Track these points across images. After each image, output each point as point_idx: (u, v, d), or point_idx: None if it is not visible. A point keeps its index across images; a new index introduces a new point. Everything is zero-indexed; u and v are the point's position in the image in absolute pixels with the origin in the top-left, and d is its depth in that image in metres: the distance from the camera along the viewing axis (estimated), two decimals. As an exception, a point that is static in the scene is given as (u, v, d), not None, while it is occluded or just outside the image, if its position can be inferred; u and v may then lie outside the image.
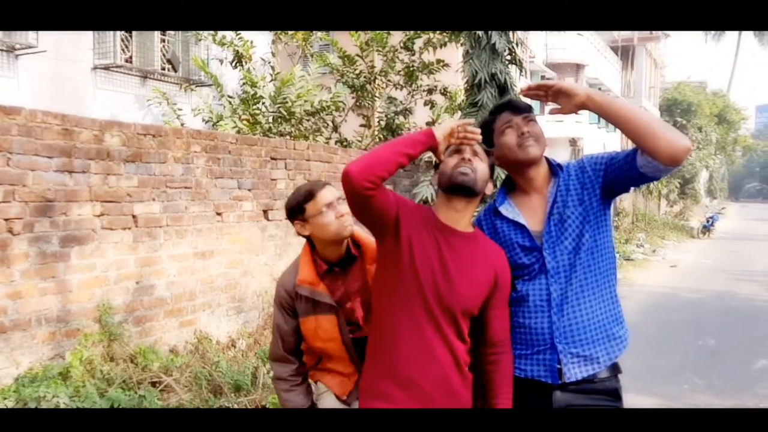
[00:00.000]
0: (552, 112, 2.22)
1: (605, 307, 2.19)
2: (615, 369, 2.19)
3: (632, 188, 2.32)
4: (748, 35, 45.82)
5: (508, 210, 2.24)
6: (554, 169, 2.25)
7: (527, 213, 2.23)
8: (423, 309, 2.05)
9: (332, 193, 2.37)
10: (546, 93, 2.17)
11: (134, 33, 9.07)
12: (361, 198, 2.00)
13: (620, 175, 2.16)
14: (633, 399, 2.33)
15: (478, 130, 2.12)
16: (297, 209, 2.39)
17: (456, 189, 2.11)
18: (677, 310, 9.59)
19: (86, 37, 8.47)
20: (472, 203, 2.16)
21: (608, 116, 2.11)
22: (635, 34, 31.36)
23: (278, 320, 2.45)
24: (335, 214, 2.33)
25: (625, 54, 32.13)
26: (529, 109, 2.27)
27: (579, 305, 2.15)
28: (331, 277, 2.40)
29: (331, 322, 2.36)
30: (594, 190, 2.19)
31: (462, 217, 2.15)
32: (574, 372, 2.12)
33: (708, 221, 24.65)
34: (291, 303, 2.40)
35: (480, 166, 2.13)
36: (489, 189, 2.19)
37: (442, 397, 2.06)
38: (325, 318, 2.37)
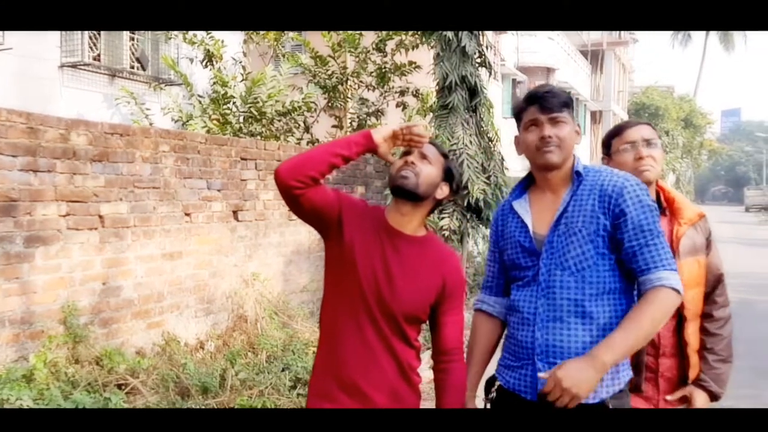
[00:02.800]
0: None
1: (601, 336, 1.94)
2: (603, 405, 1.95)
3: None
4: (714, 41, 46.71)
5: (520, 206, 2.14)
6: (573, 174, 2.08)
7: (537, 213, 2.11)
8: (364, 311, 2.03)
9: (639, 132, 2.37)
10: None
11: (103, 31, 8.95)
12: (289, 196, 2.02)
13: (619, 247, 2.00)
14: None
15: (427, 134, 2.06)
16: (605, 146, 2.46)
17: (396, 192, 2.10)
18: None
19: (53, 34, 8.33)
20: (419, 207, 2.10)
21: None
22: (605, 39, 31.81)
23: None
24: (635, 155, 2.34)
25: (595, 58, 32.58)
26: (562, 105, 2.05)
27: (568, 326, 1.98)
28: None
29: None
30: (607, 219, 2.01)
31: (409, 221, 2.10)
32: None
33: (674, 223, 24.99)
34: None
35: (426, 170, 2.07)
36: (441, 193, 2.12)
37: (386, 402, 2.04)
38: None
